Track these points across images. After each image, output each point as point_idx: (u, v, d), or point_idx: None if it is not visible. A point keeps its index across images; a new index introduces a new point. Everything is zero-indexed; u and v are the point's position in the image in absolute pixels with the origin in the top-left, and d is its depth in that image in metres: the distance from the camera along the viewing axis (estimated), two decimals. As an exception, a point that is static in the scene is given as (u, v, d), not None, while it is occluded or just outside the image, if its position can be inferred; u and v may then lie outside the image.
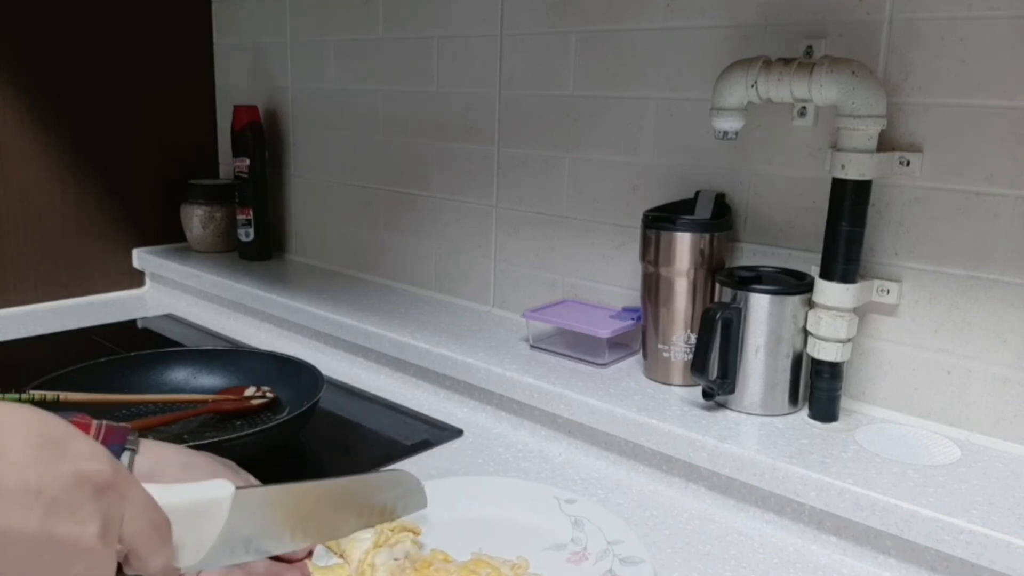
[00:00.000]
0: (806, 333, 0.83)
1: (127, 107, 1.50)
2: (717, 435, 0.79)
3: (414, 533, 0.66)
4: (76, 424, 0.58)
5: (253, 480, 0.66)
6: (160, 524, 0.44)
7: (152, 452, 0.60)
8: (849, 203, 0.78)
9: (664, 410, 0.85)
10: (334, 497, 0.63)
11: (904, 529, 0.67)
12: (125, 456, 0.58)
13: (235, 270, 1.43)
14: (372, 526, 0.64)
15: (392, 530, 0.65)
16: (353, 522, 0.64)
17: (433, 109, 1.23)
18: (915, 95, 0.79)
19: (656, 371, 0.93)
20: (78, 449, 0.40)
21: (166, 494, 0.47)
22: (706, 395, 0.86)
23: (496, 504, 0.75)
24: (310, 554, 0.63)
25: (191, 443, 0.71)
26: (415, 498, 0.69)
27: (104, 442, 0.58)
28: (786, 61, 0.78)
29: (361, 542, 0.63)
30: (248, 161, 1.47)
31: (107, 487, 0.40)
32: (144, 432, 0.65)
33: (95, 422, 0.59)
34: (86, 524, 0.39)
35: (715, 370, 0.84)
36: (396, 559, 0.62)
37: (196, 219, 1.54)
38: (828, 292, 0.80)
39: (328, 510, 0.62)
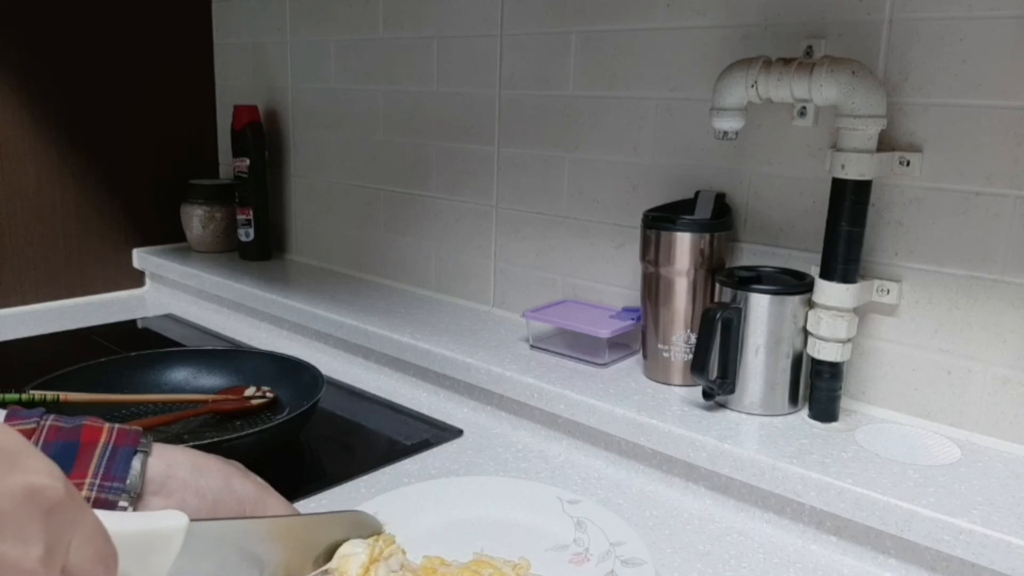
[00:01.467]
0: (806, 333, 0.83)
1: (127, 107, 1.49)
2: (717, 435, 0.79)
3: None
4: (89, 427, 0.58)
5: (260, 482, 0.66)
6: (107, 556, 0.41)
7: (163, 455, 0.59)
8: (849, 203, 0.78)
9: (664, 410, 0.85)
10: (295, 536, 0.60)
11: (904, 529, 0.67)
12: (137, 459, 0.57)
13: (235, 270, 1.43)
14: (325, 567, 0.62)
15: (383, 542, 0.64)
16: (310, 566, 0.62)
17: (433, 109, 1.23)
18: (915, 95, 0.79)
19: (656, 371, 0.93)
20: (32, 464, 0.37)
21: (116, 522, 0.44)
22: (706, 395, 0.86)
23: (497, 504, 0.75)
24: None
25: (191, 443, 0.71)
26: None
27: (116, 444, 0.57)
28: (786, 61, 0.78)
29: (355, 557, 0.61)
30: (248, 161, 1.47)
31: (57, 507, 0.37)
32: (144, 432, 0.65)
33: (107, 425, 0.59)
34: (30, 545, 0.36)
35: (715, 370, 0.84)
36: (394, 571, 0.61)
37: (196, 219, 1.54)
38: (828, 292, 0.80)
39: (289, 549, 0.59)
